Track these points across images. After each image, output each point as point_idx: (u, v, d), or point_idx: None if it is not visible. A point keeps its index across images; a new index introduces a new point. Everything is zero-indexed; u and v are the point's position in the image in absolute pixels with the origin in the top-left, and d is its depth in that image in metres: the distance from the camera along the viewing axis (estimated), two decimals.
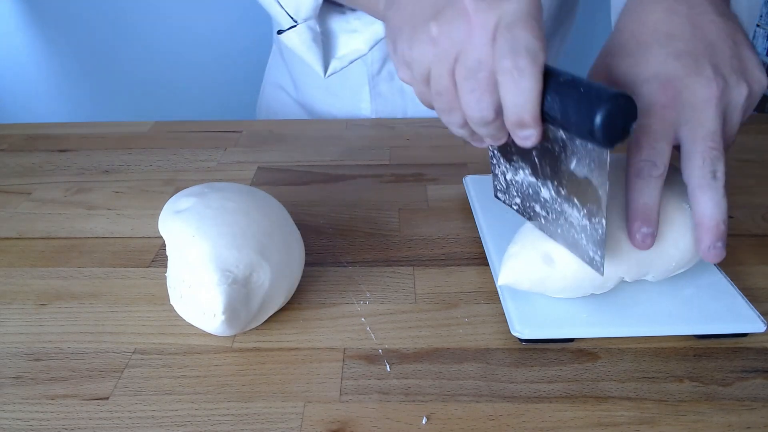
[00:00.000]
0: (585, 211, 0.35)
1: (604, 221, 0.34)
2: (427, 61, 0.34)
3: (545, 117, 0.32)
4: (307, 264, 0.46)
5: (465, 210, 0.54)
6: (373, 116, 0.79)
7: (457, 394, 0.36)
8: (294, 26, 0.55)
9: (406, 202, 0.56)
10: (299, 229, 0.45)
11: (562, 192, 0.37)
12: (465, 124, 0.35)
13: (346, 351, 0.39)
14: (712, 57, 0.35)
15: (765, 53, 1.39)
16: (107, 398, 0.36)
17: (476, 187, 0.55)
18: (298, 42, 0.56)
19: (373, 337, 0.40)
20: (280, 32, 0.57)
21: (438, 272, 0.46)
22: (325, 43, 0.59)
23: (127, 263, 0.48)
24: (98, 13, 1.30)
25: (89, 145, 0.69)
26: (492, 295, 0.44)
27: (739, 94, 0.36)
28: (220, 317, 0.37)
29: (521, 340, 0.39)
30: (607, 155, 0.31)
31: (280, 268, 0.40)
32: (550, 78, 0.31)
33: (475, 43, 0.31)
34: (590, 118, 0.29)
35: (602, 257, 0.36)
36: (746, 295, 0.41)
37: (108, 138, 0.70)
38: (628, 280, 0.40)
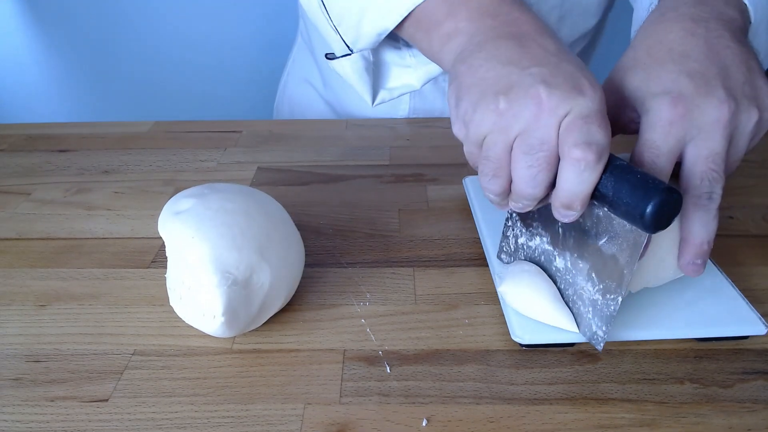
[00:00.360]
0: (601, 287, 0.36)
1: (620, 299, 0.35)
2: (487, 128, 0.34)
3: (593, 194, 0.33)
4: (307, 265, 0.46)
5: (465, 210, 0.54)
6: (411, 116, 0.78)
7: (457, 395, 0.36)
8: (348, 55, 0.54)
9: (406, 202, 0.56)
10: (299, 229, 0.45)
11: (580, 265, 0.38)
12: (503, 192, 0.36)
13: (346, 352, 0.39)
14: (725, 80, 0.35)
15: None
16: (107, 400, 0.36)
17: (476, 188, 0.55)
18: (350, 71, 0.56)
19: (373, 338, 0.40)
20: (329, 57, 0.56)
21: (438, 273, 0.46)
22: (375, 72, 0.58)
23: (127, 264, 0.48)
24: (98, 13, 1.30)
25: (89, 145, 0.68)
26: (492, 297, 0.43)
27: (749, 119, 0.36)
28: (220, 319, 0.37)
29: (521, 345, 0.39)
30: (644, 239, 0.33)
31: (280, 269, 0.40)
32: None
33: (542, 124, 0.32)
34: (644, 204, 0.31)
35: (606, 333, 0.36)
36: (747, 296, 0.41)
37: (108, 138, 0.70)
38: (632, 291, 0.40)
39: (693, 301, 0.41)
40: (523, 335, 0.39)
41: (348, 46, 0.52)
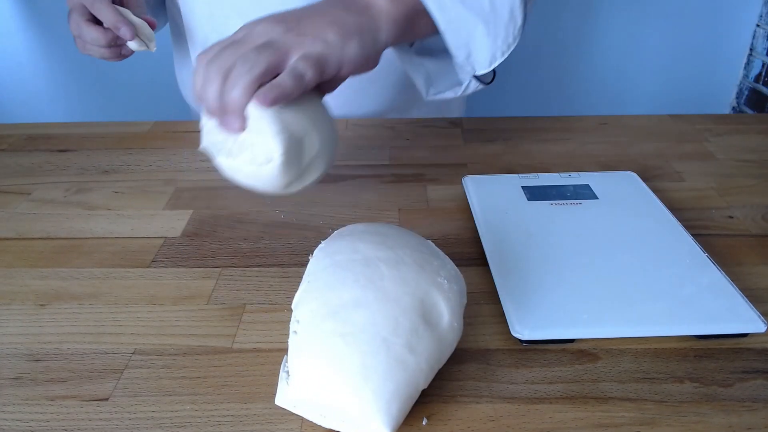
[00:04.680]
0: None
1: None
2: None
3: None
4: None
5: (465, 210, 0.54)
6: None
7: (457, 394, 0.36)
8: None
9: (406, 202, 0.56)
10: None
11: None
12: None
13: None
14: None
15: (765, 53, 1.39)
16: (107, 399, 0.36)
17: (476, 188, 0.55)
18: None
19: None
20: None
21: None
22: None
23: (127, 264, 0.48)
24: None
25: (89, 145, 0.69)
26: (492, 296, 0.44)
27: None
28: (278, 160, 0.39)
29: (521, 341, 0.39)
30: None
31: (325, 140, 0.43)
32: None
33: None
34: None
35: None
36: (746, 295, 0.41)
37: (108, 138, 0.70)
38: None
39: (692, 298, 0.41)
40: (522, 331, 0.39)
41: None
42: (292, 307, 0.36)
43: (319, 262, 0.37)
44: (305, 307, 0.35)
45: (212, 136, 0.43)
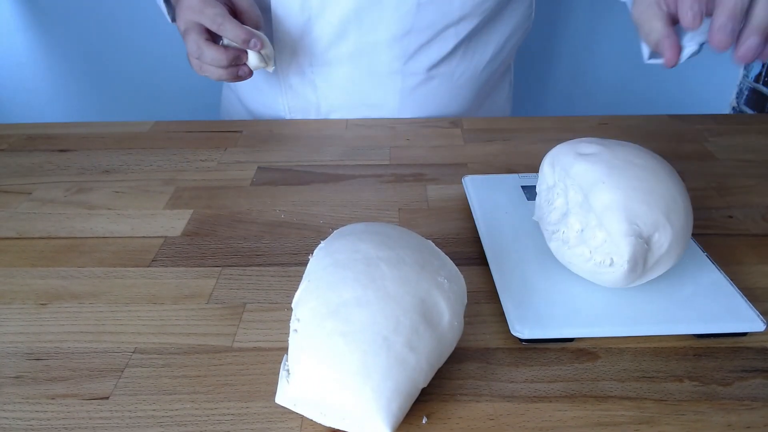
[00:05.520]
0: None
1: None
2: None
3: None
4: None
5: (465, 210, 0.54)
6: (288, 114, 0.80)
7: (457, 393, 0.36)
8: None
9: (406, 202, 0.56)
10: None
11: None
12: None
13: None
14: None
15: None
16: (107, 398, 0.36)
17: (476, 187, 0.55)
18: None
19: None
20: None
21: None
22: None
23: (127, 263, 0.48)
24: (98, 13, 1.30)
25: (89, 145, 0.69)
26: (492, 295, 0.44)
27: None
28: (624, 266, 0.37)
29: (521, 340, 0.39)
30: None
31: (679, 234, 0.39)
32: None
33: None
34: None
35: None
36: (746, 295, 0.41)
37: (108, 138, 0.70)
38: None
39: (691, 298, 0.41)
40: (522, 330, 0.39)
41: None
42: (293, 305, 0.36)
43: (319, 261, 0.37)
44: (306, 305, 0.35)
45: (543, 211, 0.42)
